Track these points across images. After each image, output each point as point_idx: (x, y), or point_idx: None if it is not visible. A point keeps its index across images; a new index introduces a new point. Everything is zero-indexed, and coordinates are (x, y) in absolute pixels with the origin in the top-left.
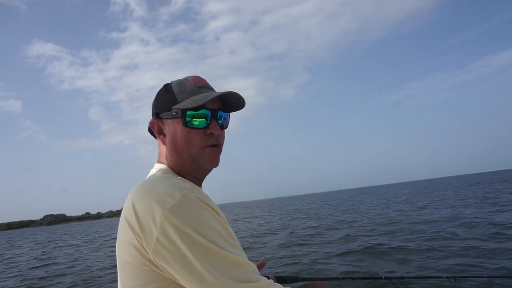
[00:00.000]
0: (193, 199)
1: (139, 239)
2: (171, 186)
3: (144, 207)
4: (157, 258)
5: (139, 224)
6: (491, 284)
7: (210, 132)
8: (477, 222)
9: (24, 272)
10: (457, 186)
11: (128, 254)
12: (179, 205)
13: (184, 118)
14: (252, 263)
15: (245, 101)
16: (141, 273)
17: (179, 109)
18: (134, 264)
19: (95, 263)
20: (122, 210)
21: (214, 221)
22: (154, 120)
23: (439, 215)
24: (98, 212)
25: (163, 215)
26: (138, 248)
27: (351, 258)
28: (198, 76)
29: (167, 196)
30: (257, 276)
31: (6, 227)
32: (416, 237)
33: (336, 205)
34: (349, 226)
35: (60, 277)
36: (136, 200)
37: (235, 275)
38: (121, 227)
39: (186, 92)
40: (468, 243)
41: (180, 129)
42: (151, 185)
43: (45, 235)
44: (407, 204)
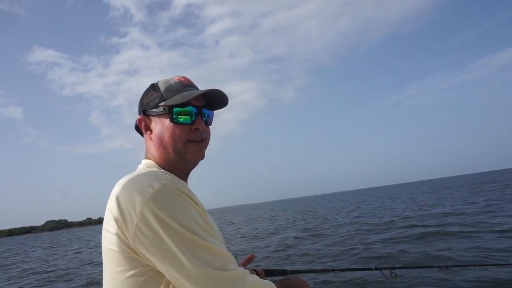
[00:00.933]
0: (172, 188)
1: (121, 227)
2: (151, 177)
3: (125, 197)
4: (137, 244)
5: (121, 213)
6: (484, 272)
7: (196, 127)
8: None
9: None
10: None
11: (112, 243)
12: (158, 194)
13: (171, 114)
14: (229, 253)
15: (228, 99)
16: (123, 260)
17: (166, 106)
18: (117, 252)
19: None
20: (107, 203)
21: (192, 210)
22: (142, 117)
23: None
24: (99, 217)
25: (143, 203)
26: (120, 236)
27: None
28: (184, 76)
29: (147, 186)
30: (233, 265)
31: (8, 233)
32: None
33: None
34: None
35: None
36: (119, 192)
37: (212, 262)
38: (106, 218)
39: (173, 90)
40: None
41: (167, 125)
42: (133, 177)
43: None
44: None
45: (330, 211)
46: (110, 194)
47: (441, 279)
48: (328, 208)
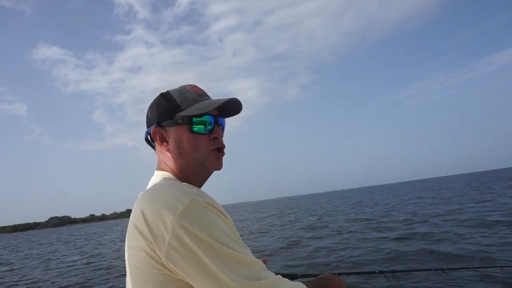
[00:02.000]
0: (201, 203)
1: (150, 245)
2: (178, 192)
3: (154, 213)
4: (170, 262)
5: (150, 230)
6: (478, 275)
7: (215, 136)
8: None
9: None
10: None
11: (138, 260)
12: (188, 210)
13: (190, 125)
14: (260, 260)
15: (242, 107)
16: (152, 277)
17: (185, 116)
18: (144, 269)
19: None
20: (130, 218)
21: (222, 223)
22: (156, 128)
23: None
24: (102, 214)
25: (174, 220)
26: (150, 254)
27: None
28: (195, 85)
29: (176, 202)
30: (266, 273)
31: (12, 229)
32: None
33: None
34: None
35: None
36: (145, 207)
37: (246, 273)
38: (130, 234)
39: (189, 100)
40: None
41: (186, 135)
42: (158, 192)
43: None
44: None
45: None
46: (114, 193)
47: (438, 281)
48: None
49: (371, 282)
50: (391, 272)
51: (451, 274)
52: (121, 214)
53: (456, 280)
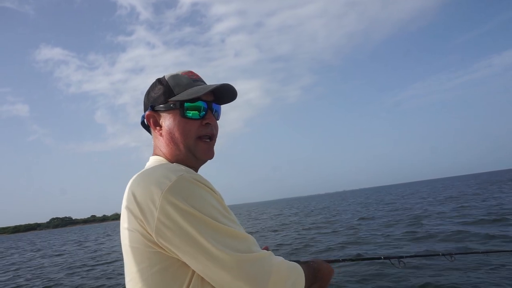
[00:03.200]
0: (188, 178)
1: (142, 223)
2: (166, 170)
3: (143, 192)
4: (160, 238)
5: (140, 209)
6: (487, 259)
7: (207, 122)
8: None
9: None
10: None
11: (133, 240)
12: (176, 186)
13: (182, 110)
14: (250, 235)
15: (237, 93)
16: (146, 256)
17: (177, 101)
18: (139, 249)
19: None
20: (123, 200)
21: (211, 197)
22: (150, 112)
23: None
24: (103, 215)
25: (162, 196)
26: (142, 232)
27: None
28: (191, 70)
29: (164, 178)
30: (257, 247)
31: (14, 230)
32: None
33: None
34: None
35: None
36: (135, 188)
37: (236, 246)
38: (123, 216)
39: (183, 85)
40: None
41: (178, 120)
42: (147, 172)
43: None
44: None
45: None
46: (115, 194)
47: (446, 266)
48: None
49: (377, 267)
50: (397, 257)
51: (459, 259)
52: None
53: (464, 265)
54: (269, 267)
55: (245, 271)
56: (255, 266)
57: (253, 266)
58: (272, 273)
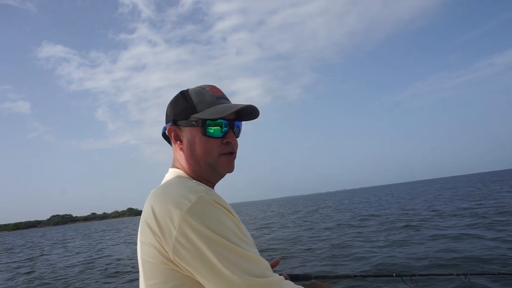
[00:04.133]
0: (208, 200)
1: (159, 240)
2: (186, 189)
3: (162, 210)
4: (176, 257)
5: (159, 226)
6: (502, 281)
7: (227, 141)
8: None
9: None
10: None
11: (149, 255)
12: (195, 207)
13: (204, 128)
14: (264, 260)
15: (259, 113)
16: (161, 272)
17: (199, 119)
18: (154, 264)
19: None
20: (142, 214)
21: (229, 220)
22: (172, 126)
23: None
24: (104, 213)
25: (181, 216)
26: (158, 248)
27: None
28: (215, 86)
29: (184, 199)
30: (270, 272)
31: (14, 227)
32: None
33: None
34: None
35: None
36: (155, 204)
37: (250, 270)
38: (142, 229)
39: (206, 102)
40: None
41: (199, 137)
42: (168, 189)
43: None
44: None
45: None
46: (115, 192)
47: (460, 287)
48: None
49: (388, 285)
50: (409, 275)
51: (474, 280)
52: (122, 213)
53: (479, 286)
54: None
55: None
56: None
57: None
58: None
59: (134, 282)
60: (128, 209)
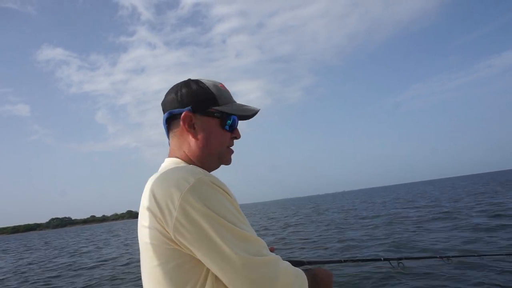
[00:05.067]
0: (206, 181)
1: (161, 222)
2: (185, 172)
3: (162, 192)
4: (178, 235)
5: (160, 208)
6: (483, 262)
7: (235, 136)
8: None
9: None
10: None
11: (151, 237)
12: (194, 188)
13: (223, 121)
14: (261, 239)
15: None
16: (163, 252)
17: (222, 112)
18: (157, 245)
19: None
20: (142, 198)
21: (227, 201)
22: (189, 113)
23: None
24: (103, 215)
25: (181, 197)
26: (160, 230)
27: None
28: (222, 83)
29: (183, 181)
30: (266, 251)
31: (13, 230)
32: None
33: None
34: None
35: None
36: (155, 188)
37: (248, 248)
38: (142, 214)
39: (226, 98)
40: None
41: (216, 129)
42: (167, 173)
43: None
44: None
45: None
46: (114, 195)
47: (443, 268)
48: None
49: (377, 269)
50: (396, 259)
51: (456, 262)
52: (122, 216)
53: (460, 268)
54: (275, 272)
55: (253, 273)
56: (262, 270)
57: (261, 269)
58: (278, 278)
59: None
60: (128, 211)
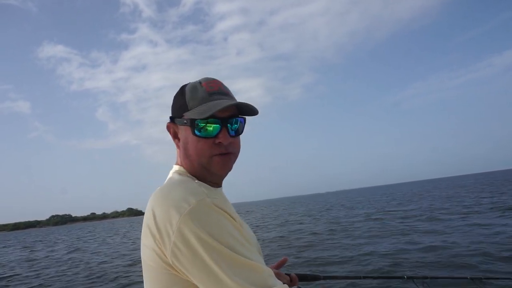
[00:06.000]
0: (208, 204)
1: (159, 244)
2: (187, 192)
3: (162, 213)
4: (176, 261)
5: (158, 229)
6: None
7: (219, 141)
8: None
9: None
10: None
11: (150, 258)
12: (195, 211)
13: (193, 127)
14: (267, 267)
15: (257, 110)
16: (163, 276)
17: (188, 118)
18: (156, 268)
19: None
20: (144, 216)
21: (229, 225)
22: (170, 124)
23: None
24: (103, 213)
25: (180, 220)
26: (158, 252)
27: None
28: (214, 79)
29: (183, 202)
30: (273, 280)
31: (13, 227)
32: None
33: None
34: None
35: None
36: (155, 206)
37: (250, 278)
38: (143, 232)
39: (197, 99)
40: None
41: (191, 137)
42: (168, 191)
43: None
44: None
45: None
46: (115, 192)
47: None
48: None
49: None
50: (421, 278)
51: (490, 284)
52: (122, 213)
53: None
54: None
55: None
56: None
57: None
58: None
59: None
60: (128, 209)
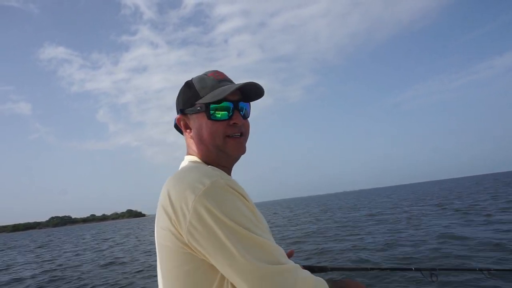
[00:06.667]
0: (222, 185)
1: (175, 224)
2: (201, 174)
3: (177, 195)
4: (191, 240)
5: (174, 210)
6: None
7: (234, 122)
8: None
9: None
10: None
11: (166, 239)
12: (209, 191)
13: (208, 112)
14: (279, 246)
15: (264, 90)
16: (178, 255)
17: (202, 104)
18: (171, 248)
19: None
20: (159, 199)
21: (243, 205)
22: (180, 116)
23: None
24: (103, 214)
25: (195, 200)
26: (174, 232)
27: None
28: (217, 70)
29: (198, 183)
30: (285, 259)
31: (13, 228)
32: None
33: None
34: None
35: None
36: (171, 189)
37: (263, 257)
38: (159, 215)
39: (208, 87)
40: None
41: (205, 122)
42: (183, 174)
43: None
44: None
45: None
46: (114, 193)
47: (482, 283)
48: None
49: (407, 279)
50: (429, 270)
51: (499, 276)
52: (122, 215)
53: (504, 283)
54: (292, 281)
55: (266, 282)
56: (277, 279)
57: (275, 278)
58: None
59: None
60: (128, 210)
